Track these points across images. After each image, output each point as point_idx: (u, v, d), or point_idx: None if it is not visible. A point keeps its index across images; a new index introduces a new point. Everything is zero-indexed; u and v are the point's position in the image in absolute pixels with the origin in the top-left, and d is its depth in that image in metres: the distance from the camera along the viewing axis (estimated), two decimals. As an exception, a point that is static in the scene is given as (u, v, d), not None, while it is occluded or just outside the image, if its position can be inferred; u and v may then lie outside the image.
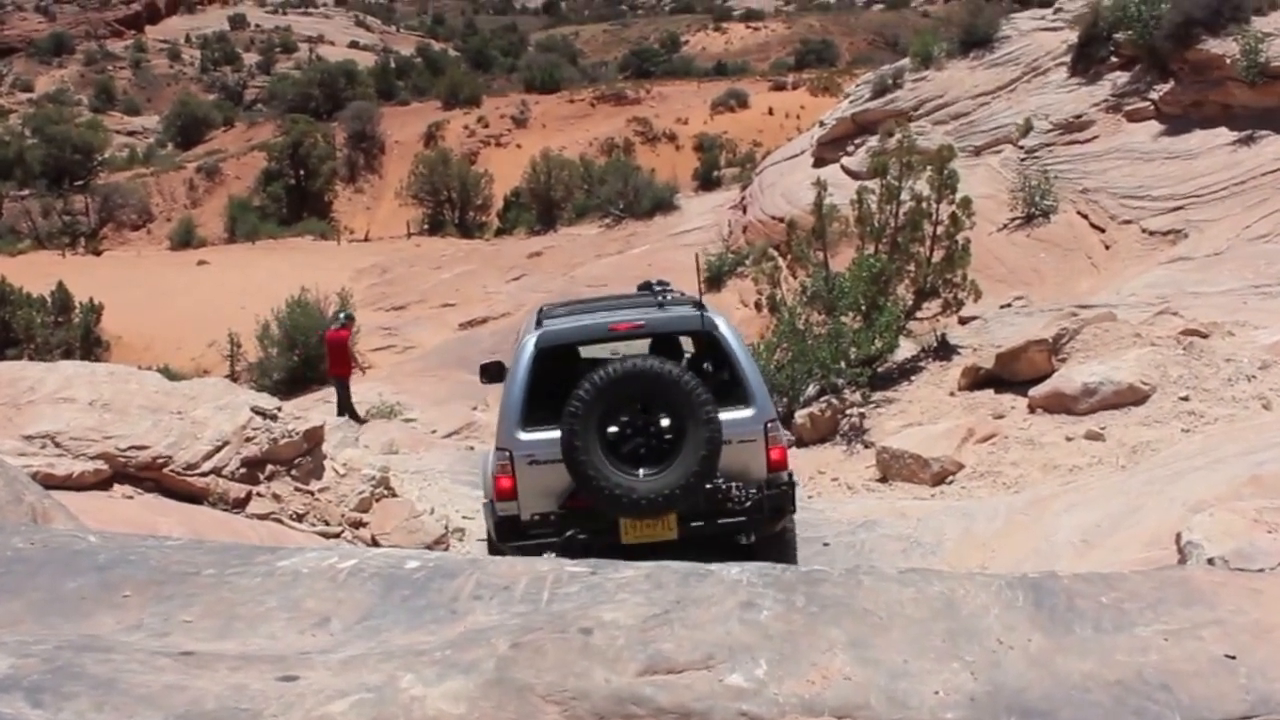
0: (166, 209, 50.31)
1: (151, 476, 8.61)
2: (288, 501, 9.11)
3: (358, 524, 9.32)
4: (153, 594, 2.87)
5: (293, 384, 29.61)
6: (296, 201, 47.52)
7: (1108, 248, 22.49)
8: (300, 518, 9.04)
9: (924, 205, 13.57)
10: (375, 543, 9.14)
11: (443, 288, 35.44)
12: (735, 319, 30.12)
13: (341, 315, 18.11)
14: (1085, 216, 23.00)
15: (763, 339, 12.99)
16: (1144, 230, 22.00)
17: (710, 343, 7.30)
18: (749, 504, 6.78)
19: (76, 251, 45.46)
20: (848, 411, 11.79)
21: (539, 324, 7.39)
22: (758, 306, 13.59)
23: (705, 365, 7.32)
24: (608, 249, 34.65)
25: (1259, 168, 20.91)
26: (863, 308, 12.60)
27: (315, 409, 25.71)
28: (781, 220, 29.41)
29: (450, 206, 44.63)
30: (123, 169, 58.79)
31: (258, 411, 9.48)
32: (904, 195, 13.72)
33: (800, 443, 11.89)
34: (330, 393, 28.52)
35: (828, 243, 13.80)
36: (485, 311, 32.69)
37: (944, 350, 13.21)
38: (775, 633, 2.75)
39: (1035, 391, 10.92)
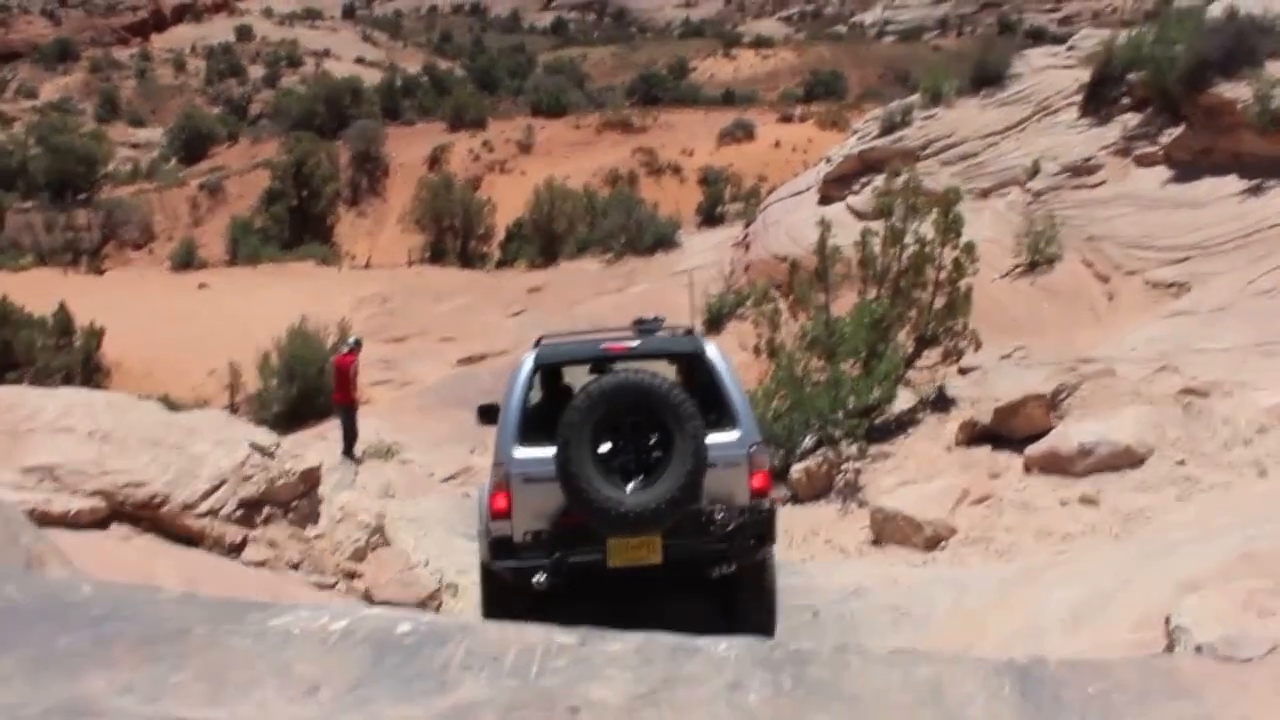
0: (169, 227, 50.47)
1: (149, 516, 8.60)
2: (283, 548, 9.10)
3: (352, 574, 9.31)
4: (145, 654, 2.88)
5: (291, 418, 29.28)
6: (299, 223, 47.63)
7: (1111, 298, 22.50)
8: (296, 566, 9.03)
9: (927, 250, 13.61)
10: (369, 596, 9.13)
11: (443, 320, 35.48)
12: (734, 362, 30.16)
13: (350, 340, 18.09)
14: (1090, 265, 23.01)
15: (760, 385, 12.99)
16: (1148, 282, 22.01)
17: (699, 365, 7.44)
18: (731, 528, 6.80)
19: (78, 269, 45.53)
20: (843, 466, 11.79)
21: (536, 344, 7.61)
22: (756, 351, 13.61)
23: (694, 388, 7.35)
24: (608, 286, 34.70)
25: (1266, 220, 20.88)
26: (862, 355, 12.63)
27: (313, 446, 25.83)
28: (784, 259, 29.42)
29: (453, 235, 44.75)
30: (126, 183, 59.08)
31: (256, 448, 9.48)
32: (908, 239, 13.76)
33: (795, 499, 11.89)
34: (329, 427, 28.62)
35: (830, 285, 13.83)
36: (484, 348, 32.69)
37: (942, 402, 13.22)
38: (763, 718, 2.76)
39: (1032, 450, 10.92)
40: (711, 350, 7.45)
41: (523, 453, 6.90)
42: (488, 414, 8.72)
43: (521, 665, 2.89)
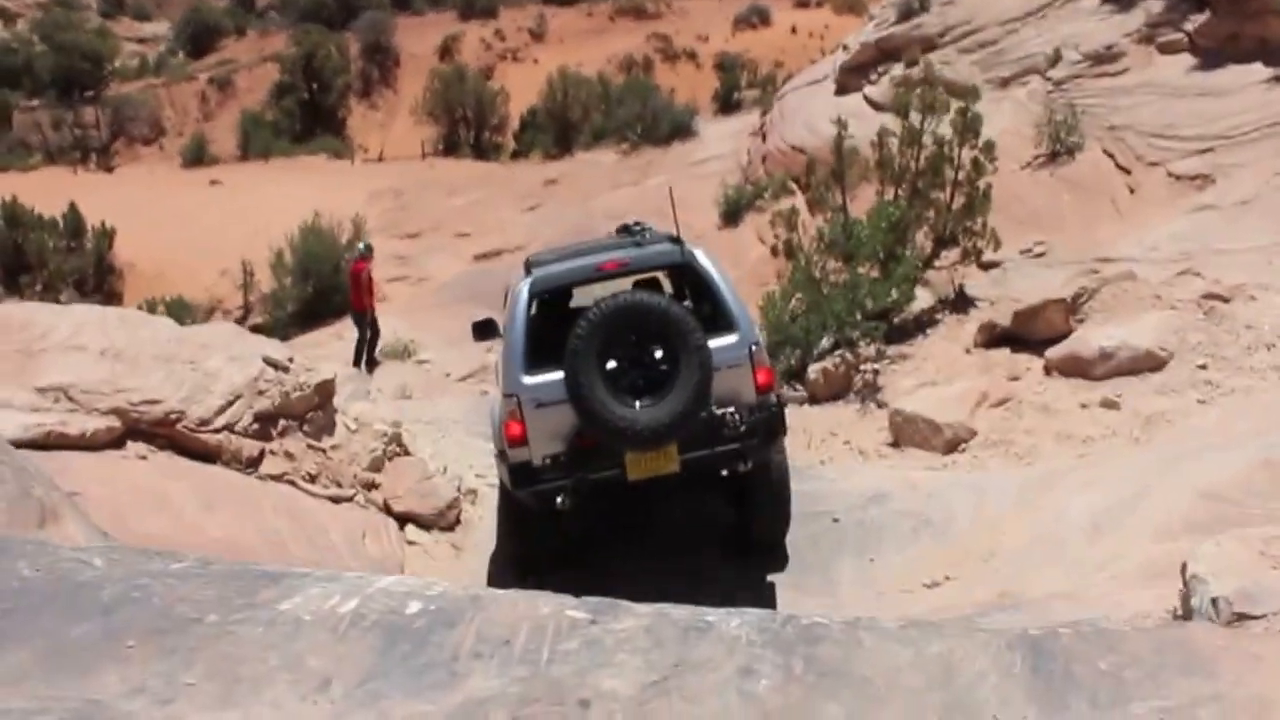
0: (178, 122, 49.85)
1: (165, 433, 8.60)
2: (300, 460, 9.13)
3: (370, 485, 9.35)
4: (156, 646, 2.85)
5: (307, 317, 29.32)
6: (310, 117, 46.93)
7: (1132, 191, 22.02)
8: (313, 478, 9.07)
9: (945, 150, 13.31)
10: (388, 507, 9.18)
11: (457, 215, 35.15)
12: (751, 257, 29.71)
13: (362, 246, 17.92)
14: (1111, 156, 22.48)
15: (777, 282, 12.84)
16: (1170, 174, 21.50)
17: (690, 274, 7.62)
18: (744, 429, 6.96)
19: (88, 168, 45.18)
20: (862, 367, 11.70)
21: (528, 272, 7.70)
22: (774, 251, 13.41)
23: (687, 297, 7.60)
24: (624, 179, 34.19)
25: (1296, 106, 20.37)
26: (880, 257, 12.43)
27: (330, 345, 25.83)
28: (802, 151, 28.89)
29: (465, 125, 44.04)
30: (133, 79, 58.17)
31: (269, 362, 9.46)
32: (926, 139, 13.44)
33: (813, 399, 11.83)
34: (346, 326, 28.54)
35: (847, 186, 13.56)
36: (500, 243, 32.38)
37: (961, 302, 13.06)
38: (773, 707, 2.72)
39: (1052, 353, 10.81)
40: (702, 258, 7.53)
41: (531, 380, 7.02)
42: (483, 330, 9.11)
43: (532, 649, 2.85)
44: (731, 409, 6.98)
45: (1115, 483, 8.12)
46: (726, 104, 39.57)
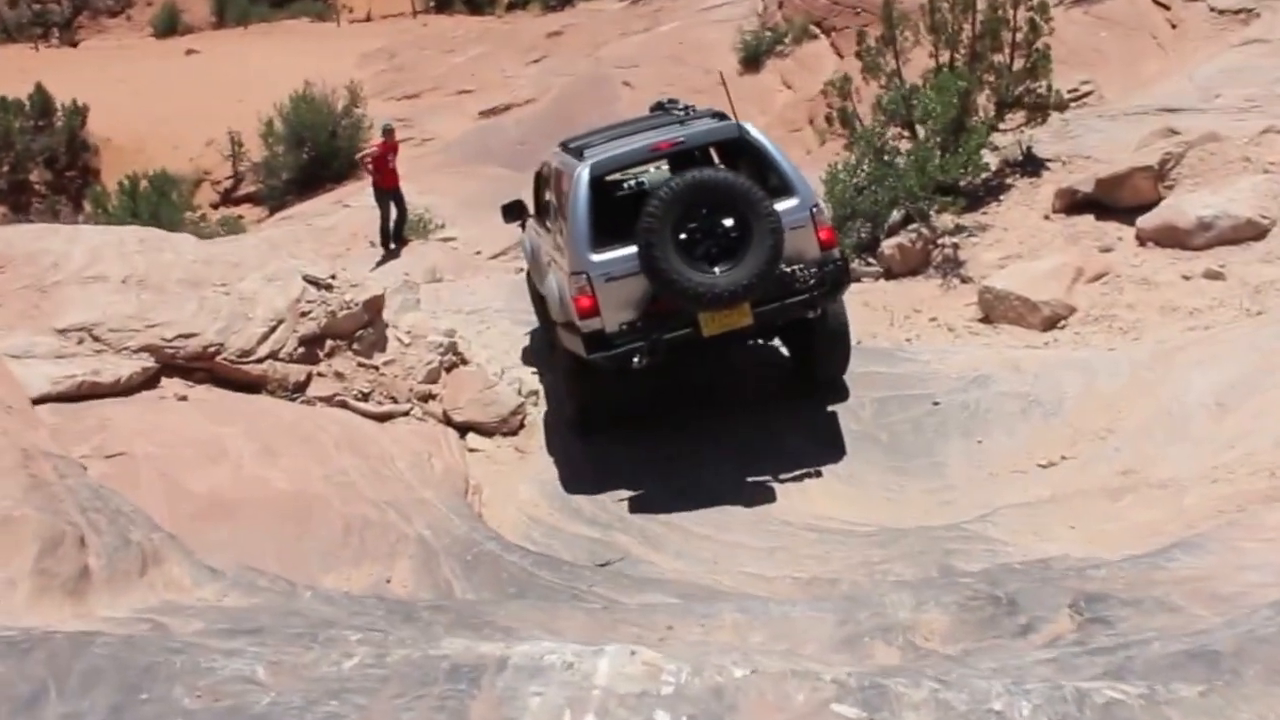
0: (147, -8, 47.42)
1: (203, 366, 7.89)
2: (351, 379, 8.43)
3: (427, 397, 8.66)
4: None
5: (304, 184, 28.56)
6: (289, -22, 44.68)
7: (1174, 27, 20.81)
8: (366, 396, 8.38)
9: (1000, 13, 12.24)
10: (448, 419, 8.51)
11: (457, 73, 33.58)
12: (777, 102, 28.33)
13: (385, 125, 16.87)
14: (1148, -8, 21.22)
15: (840, 160, 11.89)
16: (1212, 9, 20.31)
17: (745, 146, 8.00)
18: (813, 283, 7.55)
19: (50, 44, 43.12)
20: (939, 241, 10.87)
21: (579, 155, 8.05)
22: (828, 120, 12.41)
23: (739, 169, 7.93)
24: (633, 26, 32.51)
25: (1339, -64, 18.96)
26: (950, 127, 11.41)
27: (334, 215, 24.82)
28: (821, -8, 27.47)
29: (456, -20, 41.93)
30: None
31: (310, 281, 8.67)
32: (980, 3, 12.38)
33: (889, 274, 11.04)
34: (348, 192, 27.55)
35: (899, 50, 12.47)
36: (507, 98, 31.02)
37: (1031, 164, 12.11)
38: None
39: (1144, 223, 9.98)
40: (753, 131, 8.00)
41: (599, 257, 7.52)
42: (512, 211, 10.32)
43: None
44: (800, 265, 7.52)
45: (1235, 358, 7.57)
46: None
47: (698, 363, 8.54)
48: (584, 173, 7.75)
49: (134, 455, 5.76)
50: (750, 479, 7.52)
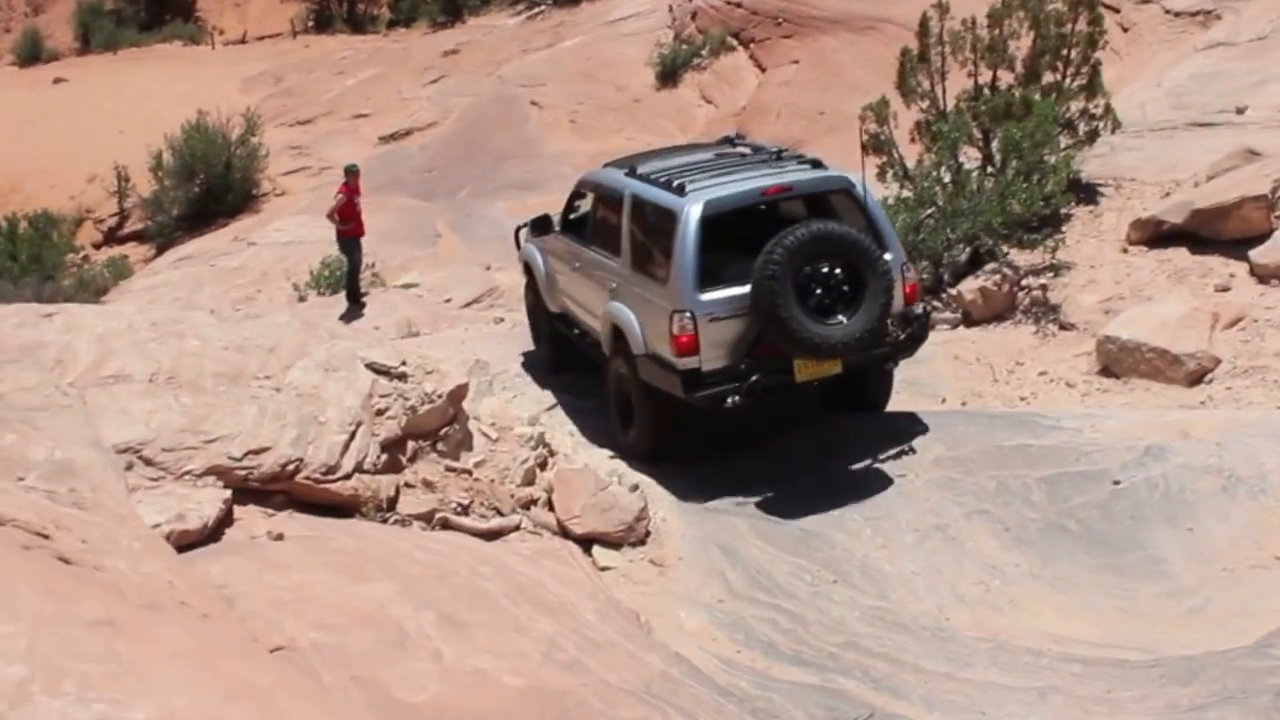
0: (4, 18, 43.82)
1: (281, 489, 6.42)
2: (443, 488, 7.08)
3: (528, 503, 7.33)
4: None
5: (195, 219, 26.69)
6: (156, 3, 41.56)
7: (1126, 30, 20.68)
8: (465, 509, 7.02)
9: (1056, 28, 11.50)
10: (564, 530, 7.20)
11: (351, 96, 31.77)
12: (699, 118, 27.43)
13: (348, 167, 15.23)
14: (1094, -7, 21.02)
15: (900, 195, 10.91)
16: (1167, 10, 20.20)
17: (849, 198, 8.05)
18: (902, 337, 7.89)
19: (-99, 75, 39.50)
20: (1023, 283, 9.99)
21: (679, 190, 7.93)
22: (864, 149, 11.40)
23: (835, 217, 7.96)
24: (535, 43, 31.24)
25: (1291, -64, 18.99)
26: (1020, 154, 10.53)
27: (238, 255, 22.87)
28: (739, 4, 26.65)
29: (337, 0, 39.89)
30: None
31: (378, 370, 7.24)
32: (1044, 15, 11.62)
33: (968, 320, 10.12)
34: (245, 227, 25.59)
35: (933, 71, 11.58)
36: (408, 122, 29.43)
37: (1085, 190, 11.38)
38: None
39: (1262, 258, 9.31)
40: (860, 185, 8.07)
41: (706, 296, 7.64)
42: (540, 226, 10.22)
43: None
44: (892, 318, 7.77)
45: None
46: (625, -46, 36.22)
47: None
48: (695, 210, 7.72)
49: (298, 647, 4.32)
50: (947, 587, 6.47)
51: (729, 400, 7.55)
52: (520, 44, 31.62)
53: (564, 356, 10.11)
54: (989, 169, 10.97)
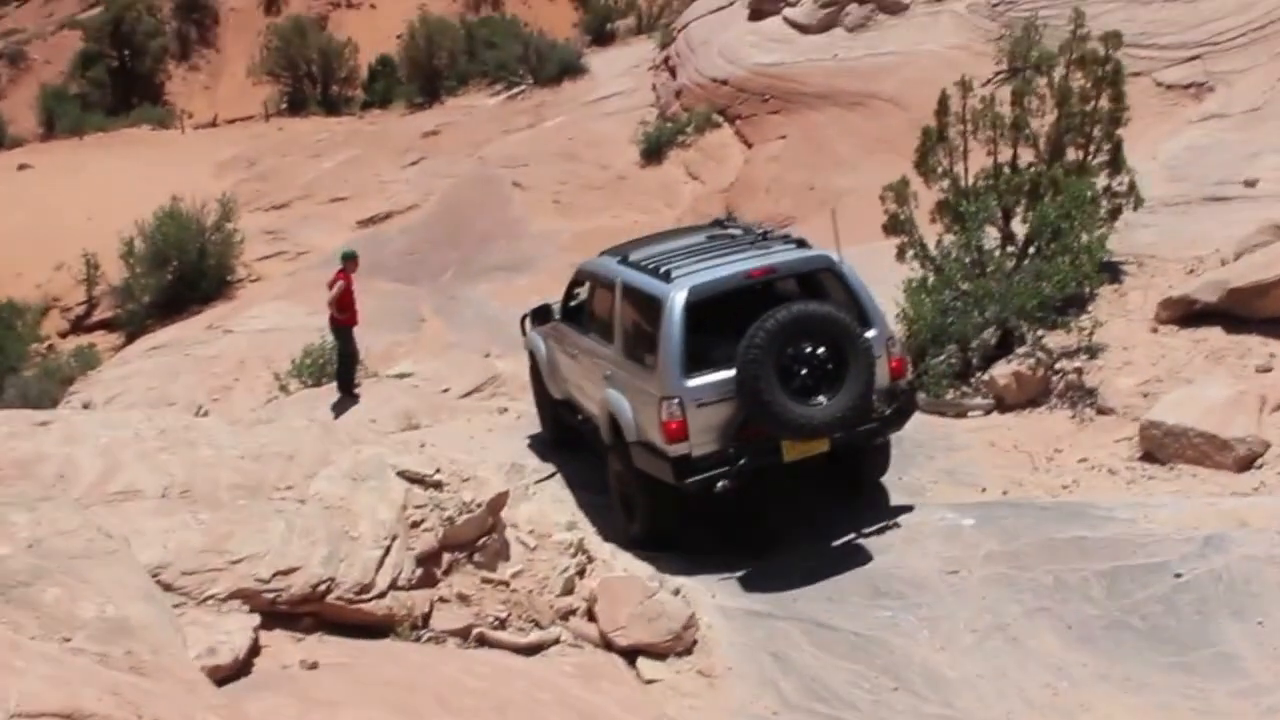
0: (-36, 105, 43.38)
1: (311, 611, 5.94)
2: (480, 603, 6.61)
3: (567, 614, 6.86)
4: None
5: (167, 306, 26.15)
6: (123, 86, 41.30)
7: (1117, 103, 20.83)
8: (502, 623, 6.55)
9: (1080, 105, 11.42)
10: (607, 641, 6.73)
11: (328, 179, 31.48)
12: (685, 194, 27.31)
13: (344, 252, 14.80)
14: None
15: (918, 281, 10.65)
16: (1159, 83, 20.24)
17: (831, 277, 8.13)
18: (888, 413, 7.90)
19: None
20: (1057, 366, 9.71)
21: (664, 277, 7.97)
22: (885, 230, 11.21)
23: (826, 296, 8.04)
24: (515, 123, 31.17)
25: (1276, 10, 19.25)
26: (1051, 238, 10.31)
27: (215, 344, 22.34)
28: (724, 82, 26.66)
29: (311, 82, 39.69)
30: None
31: (411, 479, 6.79)
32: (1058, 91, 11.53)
33: (1001, 405, 9.81)
34: (219, 315, 25.07)
35: (951, 149, 11.41)
36: (387, 205, 29.15)
37: (1107, 268, 11.16)
38: None
39: (1302, 337, 9.09)
40: (843, 263, 8.14)
41: (693, 382, 7.63)
42: (541, 316, 10.21)
43: None
44: (878, 395, 7.78)
45: None
46: (600, 36, 36.54)
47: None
48: (680, 296, 7.73)
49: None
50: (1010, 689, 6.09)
51: (719, 485, 7.55)
52: (500, 124, 31.54)
53: (569, 437, 10.11)
54: (1008, 249, 10.75)
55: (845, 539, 7.92)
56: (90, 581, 3.84)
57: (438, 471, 6.84)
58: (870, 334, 7.78)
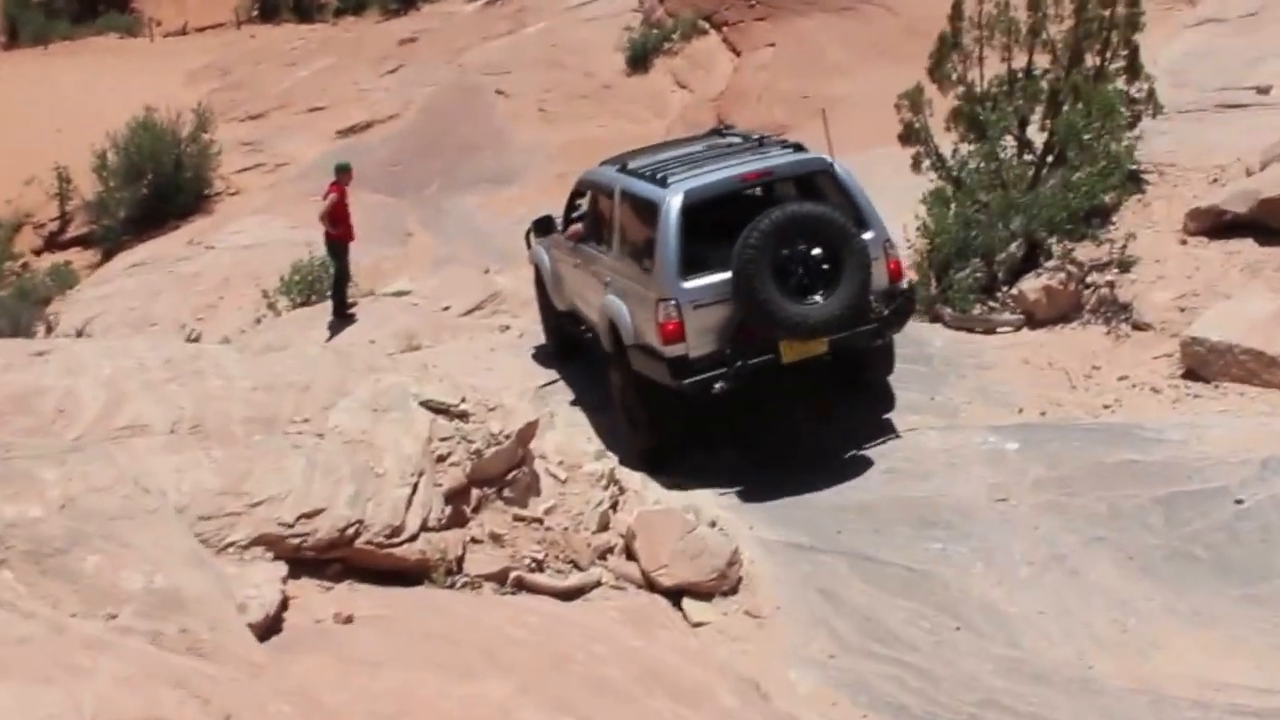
0: (-76, 12, 41.72)
1: (339, 557, 5.59)
2: (514, 544, 6.27)
3: (604, 552, 6.55)
4: None
5: (144, 221, 25.27)
6: (89, -7, 40.04)
7: (1112, 6, 20.22)
8: (540, 565, 6.22)
9: (1098, 10, 10.86)
10: (649, 582, 6.43)
11: (305, 88, 30.47)
12: (674, 103, 26.51)
13: (338, 164, 14.16)
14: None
15: (937, 193, 10.21)
16: (1148, -14, 19.64)
17: (829, 179, 8.13)
18: (886, 313, 7.87)
19: None
20: (1088, 280, 9.36)
21: (660, 182, 8.09)
22: (901, 139, 10.74)
23: (824, 198, 8.03)
24: (495, 29, 30.16)
25: (1271, -91, 18.56)
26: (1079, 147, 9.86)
27: (197, 260, 21.74)
28: (708, -15, 25.78)
29: (283, -13, 38.38)
30: None
31: (435, 409, 6.41)
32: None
33: (1032, 322, 9.47)
34: (199, 229, 24.38)
35: (966, 54, 10.89)
36: (367, 115, 28.23)
37: (1129, 177, 10.75)
38: None
39: (1341, 249, 8.76)
40: (839, 165, 8.17)
41: (689, 284, 7.69)
42: (543, 227, 10.35)
43: None
44: (875, 296, 7.80)
45: None
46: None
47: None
48: (676, 201, 7.80)
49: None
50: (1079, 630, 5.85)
51: (716, 386, 7.62)
52: (480, 31, 30.52)
53: (572, 347, 10.17)
54: (1026, 157, 10.32)
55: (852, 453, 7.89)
56: (132, 546, 3.45)
57: (463, 401, 6.45)
58: (867, 235, 7.80)
